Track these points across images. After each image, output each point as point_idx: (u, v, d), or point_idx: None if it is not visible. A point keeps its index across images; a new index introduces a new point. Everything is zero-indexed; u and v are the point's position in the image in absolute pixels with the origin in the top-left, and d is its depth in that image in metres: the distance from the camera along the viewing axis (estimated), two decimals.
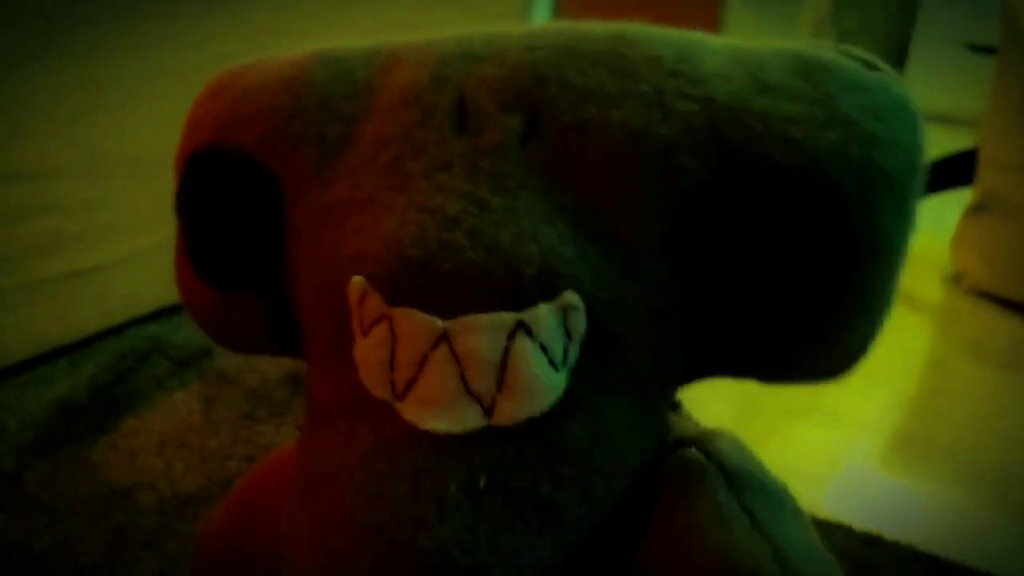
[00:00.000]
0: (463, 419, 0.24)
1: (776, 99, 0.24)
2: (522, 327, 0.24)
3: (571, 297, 0.24)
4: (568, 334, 0.24)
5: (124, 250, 0.68)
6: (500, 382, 0.24)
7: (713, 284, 0.25)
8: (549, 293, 0.24)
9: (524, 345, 0.24)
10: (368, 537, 0.24)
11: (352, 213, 0.27)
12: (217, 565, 0.32)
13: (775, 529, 0.25)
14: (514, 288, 0.24)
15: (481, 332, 0.24)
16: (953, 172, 1.02)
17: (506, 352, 0.24)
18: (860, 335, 0.26)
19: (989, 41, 0.91)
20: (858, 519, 0.52)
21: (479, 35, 0.28)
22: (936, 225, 1.16)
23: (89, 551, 0.44)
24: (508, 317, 0.24)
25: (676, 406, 0.29)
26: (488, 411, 0.24)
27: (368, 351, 0.25)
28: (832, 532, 0.48)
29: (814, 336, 0.26)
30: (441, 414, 0.24)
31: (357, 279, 0.25)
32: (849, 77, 0.25)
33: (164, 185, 0.69)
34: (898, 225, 0.25)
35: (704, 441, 0.27)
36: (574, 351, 0.24)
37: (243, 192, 0.29)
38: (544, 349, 0.24)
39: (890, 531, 0.50)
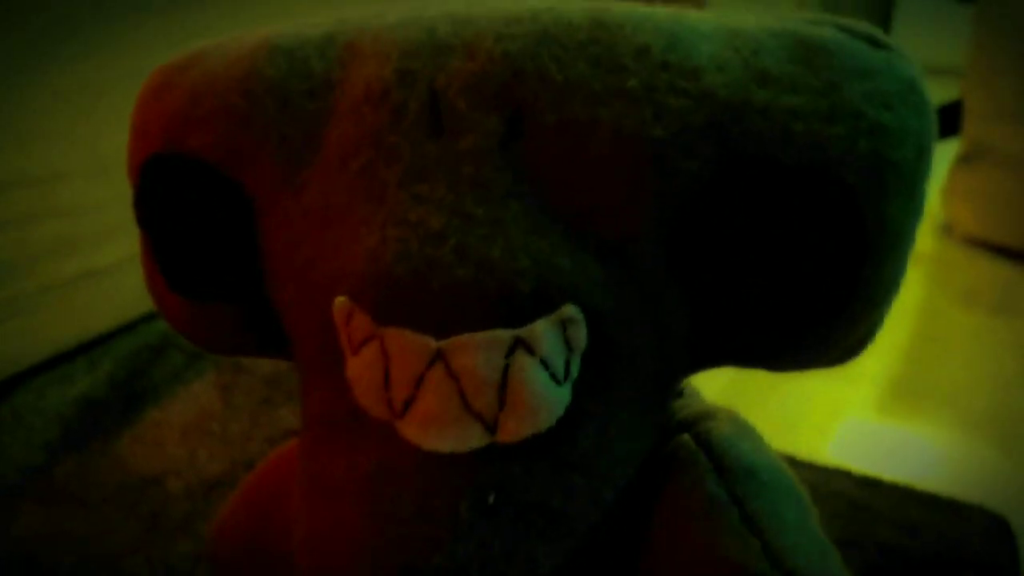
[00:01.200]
0: (466, 438, 0.23)
1: (777, 91, 0.23)
2: (521, 344, 0.22)
3: (570, 310, 0.23)
4: (569, 347, 0.23)
5: (132, 249, 0.69)
6: (502, 400, 0.23)
7: (717, 285, 0.24)
8: (547, 307, 0.23)
9: (524, 362, 0.22)
10: (379, 558, 0.24)
11: (328, 225, 0.25)
12: (236, 555, 0.32)
13: (767, 520, 0.24)
14: (509, 305, 0.22)
15: (478, 351, 0.22)
16: (940, 123, 1.03)
17: (506, 370, 0.22)
18: (869, 324, 0.25)
19: None
20: (859, 464, 0.54)
21: (442, 18, 0.25)
22: None
23: (125, 537, 0.46)
24: (505, 335, 0.22)
25: (679, 391, 0.28)
26: (491, 429, 0.23)
27: (360, 371, 0.24)
28: (832, 477, 0.50)
29: (823, 330, 0.25)
30: (443, 434, 0.23)
31: (341, 299, 0.24)
32: (853, 60, 0.23)
33: None
34: (908, 214, 0.24)
35: (698, 424, 0.26)
36: (576, 364, 0.23)
37: (206, 202, 0.27)
38: (545, 364, 0.23)
39: (890, 474, 0.52)
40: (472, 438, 0.23)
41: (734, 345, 0.26)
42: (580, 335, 0.23)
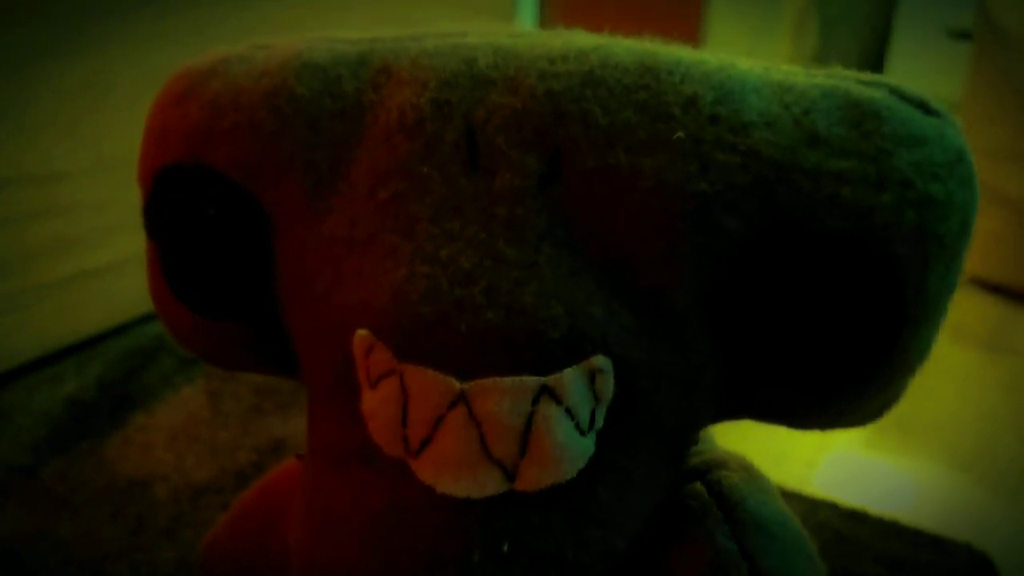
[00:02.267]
0: (483, 484, 0.22)
1: (826, 154, 0.22)
2: (547, 392, 0.22)
3: (600, 360, 0.22)
4: (596, 397, 0.22)
5: (129, 250, 0.69)
6: (523, 448, 0.22)
7: (751, 344, 0.23)
8: (576, 357, 0.22)
9: (549, 410, 0.22)
10: None
11: (350, 253, 0.24)
12: (227, 573, 0.32)
13: None
14: (538, 352, 0.22)
15: (503, 396, 0.22)
16: None
17: (530, 417, 0.22)
18: (897, 388, 0.25)
19: (970, 27, 0.93)
20: (845, 497, 0.54)
21: (484, 47, 0.24)
22: None
23: (110, 540, 0.45)
24: (532, 381, 0.22)
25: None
26: (511, 476, 0.22)
27: (378, 406, 0.23)
28: (819, 508, 0.50)
29: (853, 394, 0.24)
30: (460, 478, 0.22)
31: (362, 332, 0.23)
32: (904, 127, 0.23)
33: None
34: (946, 285, 0.23)
35: (711, 473, 0.26)
36: (601, 414, 0.23)
37: (223, 217, 0.26)
38: (570, 414, 0.22)
39: (876, 508, 0.52)
40: (489, 485, 0.22)
41: (761, 402, 0.25)
42: (608, 386, 0.22)
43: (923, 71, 2.51)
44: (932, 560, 0.47)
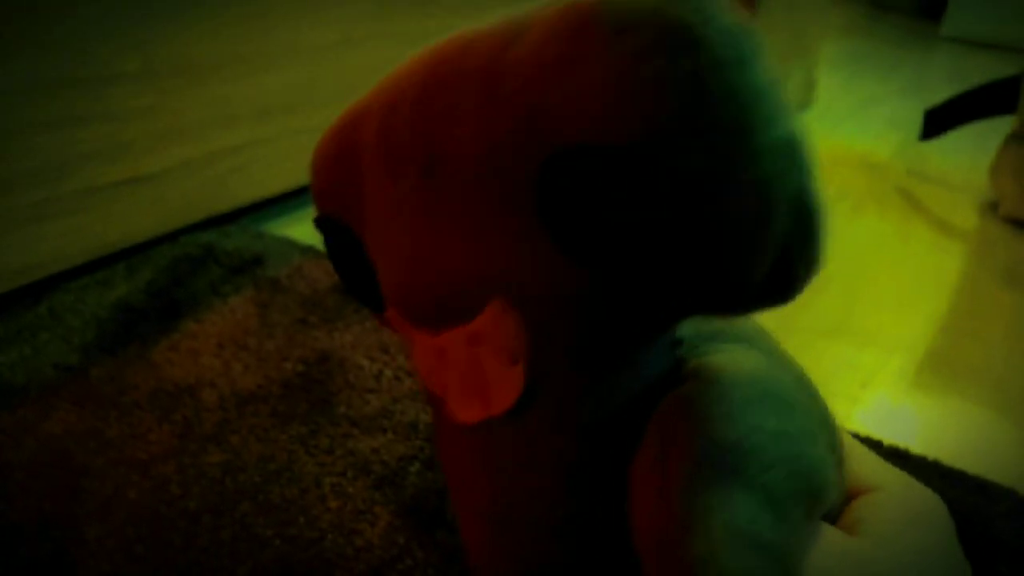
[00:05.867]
0: (473, 414, 0.26)
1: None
2: (475, 336, 0.25)
3: (500, 304, 0.24)
4: (516, 328, 0.25)
5: (177, 158, 0.70)
6: (480, 382, 0.26)
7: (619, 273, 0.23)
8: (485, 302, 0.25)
9: (481, 351, 0.25)
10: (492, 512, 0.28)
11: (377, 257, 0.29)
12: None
13: (716, 511, 0.23)
14: (462, 302, 0.25)
15: (454, 344, 0.26)
16: (995, 99, 1.01)
17: (473, 358, 0.25)
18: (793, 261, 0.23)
19: None
20: (887, 435, 0.54)
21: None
22: (976, 152, 1.15)
23: (158, 442, 0.46)
24: (465, 330, 0.25)
25: (676, 343, 0.27)
26: (487, 406, 0.26)
27: (416, 362, 0.28)
28: None
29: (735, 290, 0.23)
30: (458, 410, 0.27)
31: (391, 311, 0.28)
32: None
33: (216, 92, 0.71)
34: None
35: (690, 383, 0.26)
36: (521, 346, 0.25)
37: (353, 247, 0.30)
38: (495, 350, 0.25)
39: (918, 447, 0.52)
40: (477, 413, 0.26)
41: (668, 312, 0.25)
42: (514, 322, 0.25)
43: (985, 12, 2.44)
44: (976, 503, 0.46)
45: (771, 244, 0.21)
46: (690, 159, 0.19)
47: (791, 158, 0.20)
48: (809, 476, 0.25)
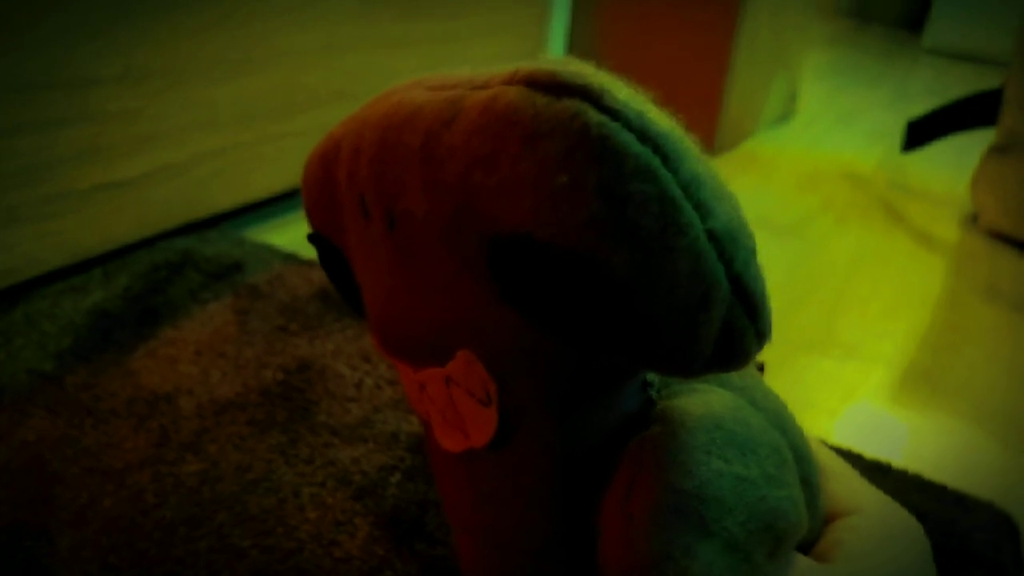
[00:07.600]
0: (456, 443, 0.28)
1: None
2: (450, 378, 0.26)
3: (467, 354, 0.25)
4: (484, 378, 0.26)
5: (157, 162, 0.69)
6: (456, 418, 0.27)
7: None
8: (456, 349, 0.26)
9: (455, 391, 0.26)
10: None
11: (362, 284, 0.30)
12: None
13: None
14: (437, 348, 0.26)
15: (432, 383, 0.27)
16: (976, 112, 1.02)
17: (450, 397, 0.27)
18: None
19: None
20: (868, 448, 0.54)
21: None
22: (957, 165, 1.16)
23: (134, 450, 0.46)
24: (440, 372, 0.26)
25: (647, 385, 0.28)
26: (467, 437, 0.27)
27: (405, 385, 0.29)
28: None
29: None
30: (443, 438, 0.28)
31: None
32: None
33: (198, 96, 0.70)
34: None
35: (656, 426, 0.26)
36: (492, 392, 0.26)
37: (338, 259, 0.31)
38: (469, 392, 0.26)
39: (899, 460, 0.52)
40: (459, 444, 0.27)
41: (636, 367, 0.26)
42: (480, 368, 0.25)
43: (966, 23, 2.46)
44: (954, 516, 0.46)
45: (710, 327, 0.21)
46: (613, 258, 0.20)
47: (724, 247, 0.20)
48: (772, 518, 0.25)
